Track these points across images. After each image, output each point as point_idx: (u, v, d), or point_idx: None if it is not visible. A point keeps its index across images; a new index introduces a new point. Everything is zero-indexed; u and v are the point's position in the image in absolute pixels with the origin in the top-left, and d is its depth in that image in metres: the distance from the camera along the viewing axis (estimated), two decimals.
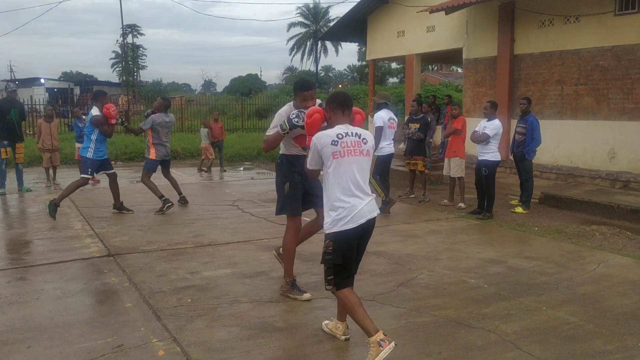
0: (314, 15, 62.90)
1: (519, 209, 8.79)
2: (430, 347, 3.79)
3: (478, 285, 5.09)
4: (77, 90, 44.74)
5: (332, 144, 3.53)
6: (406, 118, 11.02)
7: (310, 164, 3.69)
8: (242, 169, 15.06)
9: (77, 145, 11.57)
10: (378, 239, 6.76)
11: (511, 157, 9.46)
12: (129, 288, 4.94)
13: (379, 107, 9.18)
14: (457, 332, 4.04)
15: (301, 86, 4.53)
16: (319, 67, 67.81)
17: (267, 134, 4.63)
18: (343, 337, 3.87)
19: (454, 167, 9.08)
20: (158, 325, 4.10)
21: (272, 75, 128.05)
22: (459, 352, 3.71)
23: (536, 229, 7.63)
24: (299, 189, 4.75)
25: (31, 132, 17.45)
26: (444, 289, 4.98)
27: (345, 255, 3.54)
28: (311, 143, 3.63)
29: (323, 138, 3.57)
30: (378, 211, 3.77)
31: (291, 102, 4.66)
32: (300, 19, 62.78)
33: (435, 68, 49.03)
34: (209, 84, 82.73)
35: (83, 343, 3.79)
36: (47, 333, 3.97)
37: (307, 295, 4.67)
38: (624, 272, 5.58)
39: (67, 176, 11.62)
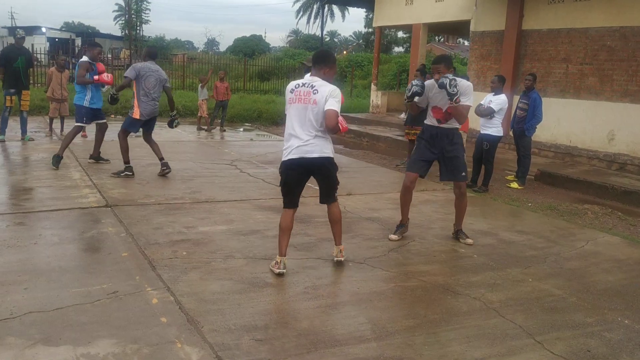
0: None
1: (515, 185, 8.87)
2: (416, 309, 3.91)
3: (468, 255, 5.19)
4: (78, 42, 44.17)
5: (290, 91, 4.38)
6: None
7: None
8: (242, 129, 15.07)
9: None
10: (373, 205, 6.86)
11: (511, 133, 9.49)
12: (126, 238, 5.03)
13: (308, 71, 9.41)
14: (443, 298, 4.16)
15: (433, 60, 5.54)
16: (325, 32, 66.99)
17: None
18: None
19: None
20: (153, 275, 4.20)
21: (276, 38, 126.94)
22: (443, 316, 3.83)
23: (530, 204, 7.72)
24: (421, 153, 5.57)
25: (33, 81, 17.32)
26: (434, 257, 5.08)
27: (287, 181, 4.43)
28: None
29: (287, 88, 4.45)
30: (325, 153, 4.46)
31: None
32: None
33: (442, 40, 48.49)
34: (212, 43, 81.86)
35: (79, 287, 3.89)
36: (44, 276, 4.06)
37: (469, 240, 5.51)
38: (611, 250, 5.69)
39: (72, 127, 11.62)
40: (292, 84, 4.42)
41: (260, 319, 3.58)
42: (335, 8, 62.02)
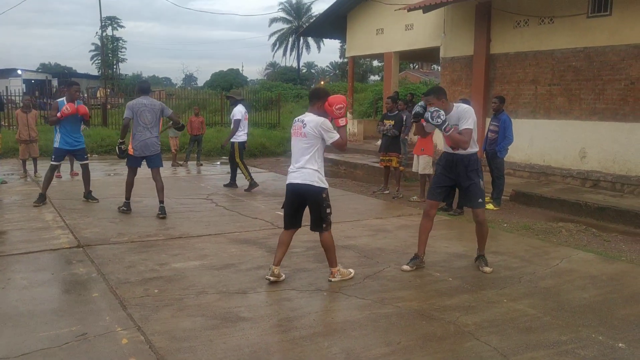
0: (296, 11, 62.86)
1: (490, 206, 8.93)
2: (390, 336, 3.88)
3: (443, 279, 5.19)
4: (55, 82, 44.11)
5: (292, 126, 4.95)
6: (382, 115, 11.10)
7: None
8: (219, 163, 15.06)
9: None
10: (349, 233, 6.85)
11: (484, 155, 9.61)
12: (97, 278, 4.95)
13: (235, 103, 10.42)
14: (418, 323, 4.14)
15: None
16: (301, 64, 67.79)
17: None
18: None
19: (422, 164, 9.23)
20: (123, 315, 4.12)
21: (253, 71, 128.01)
22: (418, 342, 3.80)
23: (505, 225, 7.78)
24: (438, 179, 5.63)
25: (7, 124, 17.18)
26: (409, 282, 5.07)
27: (284, 202, 5.08)
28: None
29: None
30: (309, 181, 4.82)
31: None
32: (283, 15, 62.74)
33: (417, 66, 49.31)
34: (189, 78, 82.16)
35: (47, 331, 3.81)
36: (11, 321, 3.97)
37: (487, 269, 5.45)
38: (585, 267, 5.73)
39: (47, 168, 11.50)
40: (295, 120, 4.95)
41: (233, 354, 3.52)
42: (310, 40, 62.87)
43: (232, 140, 10.15)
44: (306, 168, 4.79)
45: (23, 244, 6.08)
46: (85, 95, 25.95)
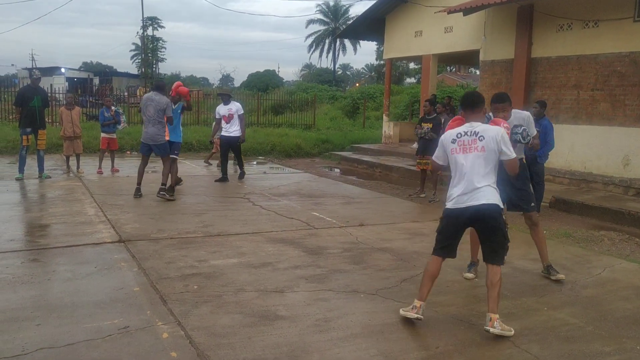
0: (334, 13, 62.98)
1: None
2: (428, 341, 3.86)
3: (481, 285, 5.11)
4: (96, 81, 45.21)
5: (451, 142, 4.19)
6: (420, 118, 11.03)
7: (437, 158, 4.38)
8: (255, 163, 15.17)
9: (103, 134, 11.65)
10: (385, 236, 6.83)
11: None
12: (138, 273, 5.05)
13: (228, 100, 11.16)
14: (456, 328, 4.10)
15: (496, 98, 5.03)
16: (337, 65, 67.83)
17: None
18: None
19: None
20: (164, 310, 4.20)
21: (289, 72, 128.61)
22: (456, 347, 3.77)
23: (544, 232, 7.59)
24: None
25: (50, 120, 17.68)
26: (447, 287, 5.02)
27: (445, 229, 4.28)
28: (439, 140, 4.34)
29: (447, 136, 4.25)
30: (492, 201, 4.12)
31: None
32: (320, 16, 62.92)
33: (454, 69, 48.80)
34: (226, 79, 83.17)
35: (90, 323, 3.90)
36: (56, 312, 4.09)
37: (562, 276, 5.26)
38: (629, 277, 5.58)
39: (90, 164, 11.81)
40: (452, 133, 4.22)
41: (271, 352, 3.55)
42: (347, 42, 62.89)
43: (236, 135, 10.98)
44: (489, 186, 4.11)
45: (67, 237, 6.25)
46: (126, 94, 26.53)
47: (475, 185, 4.08)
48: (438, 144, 4.38)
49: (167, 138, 8.99)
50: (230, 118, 10.93)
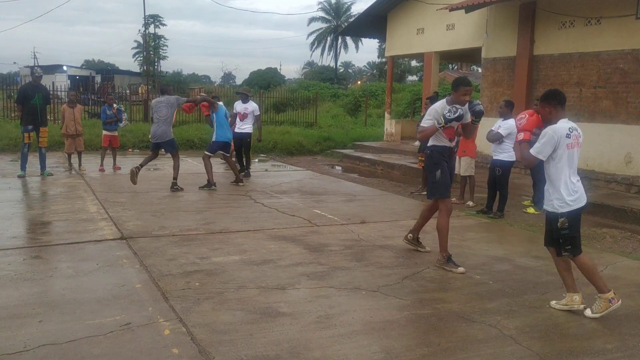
0: (336, 10, 62.87)
1: (531, 210, 8.78)
2: (430, 338, 3.85)
3: (483, 282, 5.12)
4: (98, 79, 45.22)
5: (566, 136, 4.25)
6: (422, 115, 11.02)
7: (540, 153, 4.30)
8: (256, 160, 15.16)
9: (104, 132, 11.66)
10: (387, 233, 6.82)
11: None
12: (140, 270, 5.06)
13: (246, 99, 11.46)
14: (458, 325, 4.09)
15: (463, 82, 5.40)
16: (339, 63, 67.76)
17: (422, 125, 5.57)
18: (582, 307, 4.39)
19: (464, 166, 9.10)
20: (165, 306, 4.20)
21: (291, 70, 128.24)
22: (458, 344, 3.76)
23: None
24: (447, 175, 5.56)
25: (52, 118, 17.68)
26: (448, 284, 5.02)
27: (576, 227, 4.41)
28: (547, 134, 4.25)
29: (560, 131, 4.27)
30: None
31: (445, 99, 5.49)
32: (322, 14, 62.81)
33: (456, 67, 48.71)
34: (228, 77, 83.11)
35: (92, 320, 3.91)
36: (58, 309, 4.09)
37: (461, 269, 5.30)
38: (631, 274, 5.57)
39: (92, 161, 11.82)
40: (564, 128, 4.30)
41: (272, 349, 3.55)
42: (348, 39, 62.79)
43: (248, 131, 11.32)
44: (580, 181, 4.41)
45: (68, 234, 6.26)
46: (128, 91, 26.55)
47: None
48: (542, 139, 4.28)
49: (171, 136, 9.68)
50: (245, 117, 11.28)
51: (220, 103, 10.32)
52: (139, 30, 68.85)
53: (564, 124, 4.33)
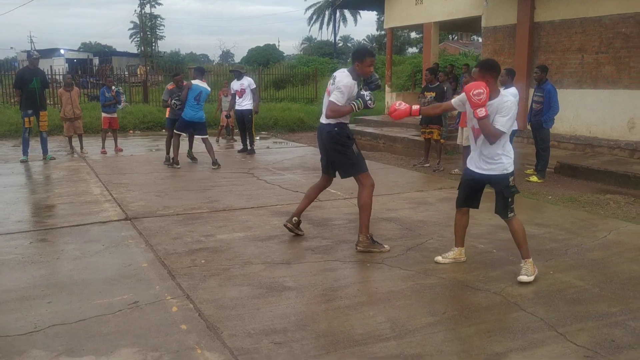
0: None
1: (534, 178, 8.77)
2: (435, 306, 3.88)
3: (487, 250, 5.15)
4: (96, 61, 44.93)
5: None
6: (423, 87, 10.95)
7: (509, 127, 4.35)
8: (258, 138, 15.12)
9: (104, 114, 11.63)
10: (390, 206, 6.84)
11: (529, 127, 9.39)
12: (145, 249, 5.10)
13: (240, 75, 11.58)
14: (463, 294, 4.13)
15: (370, 52, 5.04)
16: (338, 38, 67.11)
17: (336, 103, 4.91)
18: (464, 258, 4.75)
19: (466, 137, 9.04)
20: (172, 284, 4.24)
21: (289, 46, 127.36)
22: (463, 312, 3.80)
23: (550, 197, 7.63)
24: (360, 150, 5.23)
25: (51, 102, 17.62)
26: None
27: None
28: (513, 108, 4.33)
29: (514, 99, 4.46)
30: None
31: (348, 70, 5.00)
32: None
33: (456, 38, 48.25)
34: (227, 55, 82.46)
35: (101, 299, 3.95)
36: (66, 290, 4.14)
37: (387, 247, 5.08)
38: (635, 239, 5.58)
39: (93, 144, 11.83)
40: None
41: (279, 322, 3.59)
42: (347, 13, 62.09)
43: (248, 108, 11.37)
44: None
45: (73, 216, 6.29)
46: (126, 73, 26.43)
47: None
48: (511, 113, 4.32)
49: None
50: (243, 92, 11.35)
51: (197, 83, 9.66)
52: (135, 11, 68.24)
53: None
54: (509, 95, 4.46)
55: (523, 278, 4.32)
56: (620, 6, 10.63)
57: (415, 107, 4.73)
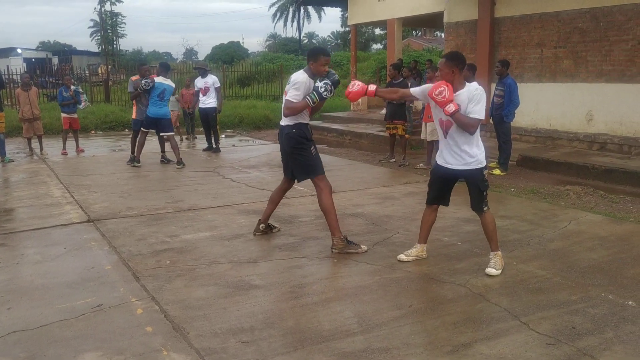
0: None
1: (497, 171, 8.93)
2: (401, 300, 3.92)
3: (452, 243, 5.22)
4: (55, 60, 43.82)
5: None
6: (387, 83, 11.02)
7: (482, 115, 4.35)
8: (223, 136, 14.99)
9: (63, 115, 11.34)
10: (356, 201, 6.87)
11: (491, 120, 9.55)
12: (109, 252, 5.00)
13: (205, 73, 11.52)
14: (428, 287, 4.18)
15: (324, 51, 4.99)
16: (302, 34, 67.06)
17: (291, 100, 4.79)
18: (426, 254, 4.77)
19: (430, 131, 9.17)
20: (137, 286, 4.18)
21: (254, 43, 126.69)
22: (429, 305, 3.84)
23: (512, 189, 7.78)
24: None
25: (9, 103, 17.12)
26: None
27: None
28: (483, 98, 4.34)
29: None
30: None
31: (303, 70, 4.95)
32: None
33: (420, 34, 48.67)
34: (190, 53, 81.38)
35: (63, 304, 3.86)
36: (27, 295, 4.03)
37: (365, 247, 4.96)
38: (593, 228, 5.74)
39: (54, 145, 11.54)
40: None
41: (246, 321, 3.57)
42: (311, 9, 62.13)
43: (212, 106, 11.30)
44: None
45: (34, 220, 6.13)
46: (87, 72, 25.86)
47: None
48: (480, 103, 4.34)
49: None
50: (207, 90, 11.27)
51: (161, 80, 9.49)
52: (95, 9, 66.60)
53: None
54: (475, 85, 4.44)
55: (491, 271, 4.39)
56: (577, 1, 10.89)
57: (372, 87, 4.58)
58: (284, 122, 5.01)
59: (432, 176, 4.76)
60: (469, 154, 4.41)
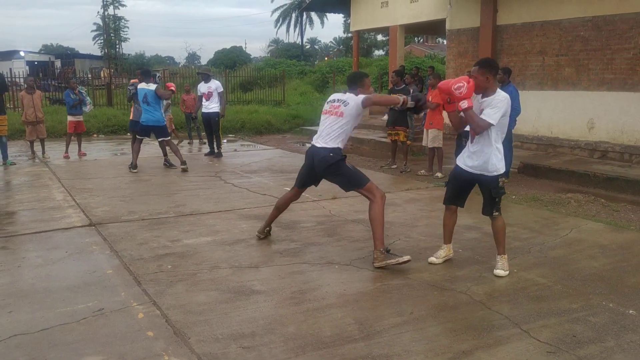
0: None
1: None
2: (403, 307, 3.92)
3: (453, 250, 5.21)
4: (58, 63, 43.94)
5: (509, 105, 4.46)
6: (389, 89, 11.05)
7: (496, 119, 4.34)
8: (225, 141, 15.03)
9: (70, 118, 11.35)
10: (358, 208, 6.87)
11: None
12: (110, 256, 5.01)
13: (208, 78, 11.57)
14: (429, 294, 4.18)
15: (365, 74, 5.30)
16: (305, 40, 67.22)
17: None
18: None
19: (431, 138, 9.20)
20: (138, 290, 4.18)
21: (256, 48, 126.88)
22: (430, 312, 3.84)
23: (513, 197, 7.78)
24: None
25: (11, 106, 17.16)
26: (419, 254, 5.10)
27: None
28: (504, 101, 4.37)
29: (509, 99, 4.45)
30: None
31: (350, 94, 5.10)
32: None
33: (422, 40, 48.80)
34: (192, 57, 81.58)
35: (64, 307, 3.87)
36: (28, 299, 4.03)
37: (407, 257, 4.72)
38: (594, 236, 5.74)
39: (56, 148, 11.57)
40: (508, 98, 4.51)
41: (247, 326, 3.58)
42: (313, 15, 62.27)
43: (215, 111, 11.33)
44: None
45: (35, 223, 6.14)
46: (90, 76, 25.93)
47: None
48: (498, 107, 4.33)
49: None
50: (210, 95, 11.33)
51: (141, 86, 9.60)
52: (98, 12, 66.92)
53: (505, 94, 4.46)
54: (503, 93, 4.46)
55: (500, 272, 4.50)
56: (579, 10, 10.93)
57: (466, 104, 4.39)
58: (319, 144, 4.97)
59: (450, 176, 4.94)
60: (490, 162, 4.48)
